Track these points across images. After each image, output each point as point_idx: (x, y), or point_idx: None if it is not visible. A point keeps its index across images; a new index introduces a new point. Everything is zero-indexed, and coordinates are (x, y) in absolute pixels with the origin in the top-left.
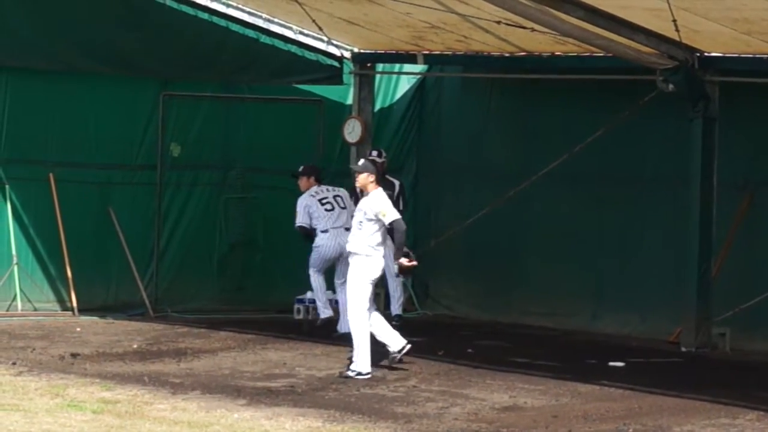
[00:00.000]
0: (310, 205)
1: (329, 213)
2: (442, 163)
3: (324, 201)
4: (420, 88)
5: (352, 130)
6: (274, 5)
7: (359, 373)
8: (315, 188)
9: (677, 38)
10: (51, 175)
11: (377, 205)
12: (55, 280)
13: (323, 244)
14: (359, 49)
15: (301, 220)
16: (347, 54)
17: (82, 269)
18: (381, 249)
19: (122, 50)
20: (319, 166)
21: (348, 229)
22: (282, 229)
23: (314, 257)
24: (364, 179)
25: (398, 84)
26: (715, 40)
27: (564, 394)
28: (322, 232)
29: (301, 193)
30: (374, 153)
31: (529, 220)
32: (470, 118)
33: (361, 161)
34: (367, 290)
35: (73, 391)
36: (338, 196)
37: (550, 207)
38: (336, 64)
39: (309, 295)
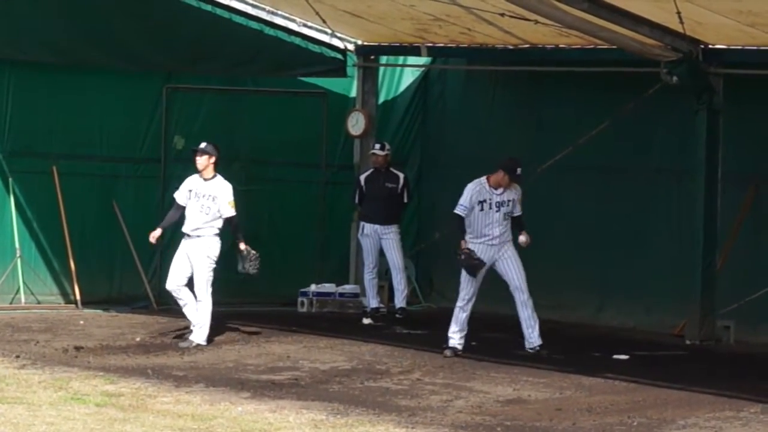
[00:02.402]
0: None
1: None
2: (447, 155)
3: None
4: (424, 81)
5: (356, 123)
6: None
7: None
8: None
9: (681, 30)
10: (54, 167)
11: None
12: (58, 272)
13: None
14: (363, 41)
15: None
16: (351, 46)
17: (86, 262)
18: None
19: (126, 43)
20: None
21: None
22: (286, 221)
23: None
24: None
25: (402, 76)
26: (720, 32)
27: (568, 387)
28: None
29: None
30: (377, 146)
31: (533, 213)
32: (474, 110)
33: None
34: None
35: (77, 384)
36: None
37: (555, 199)
38: (340, 56)
39: (313, 288)
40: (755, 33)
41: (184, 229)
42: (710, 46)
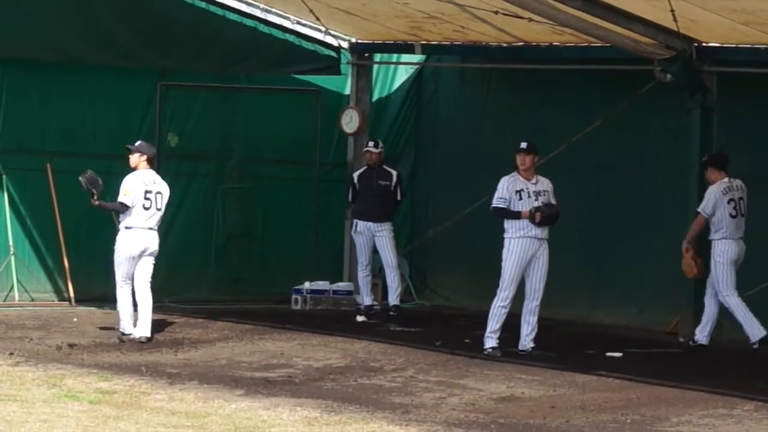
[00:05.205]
0: None
1: None
2: (440, 153)
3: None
4: (418, 79)
5: (350, 121)
6: None
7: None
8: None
9: (675, 28)
10: (48, 165)
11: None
12: (52, 270)
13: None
14: (357, 39)
15: None
16: (345, 44)
17: (80, 259)
18: None
19: (120, 41)
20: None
21: None
22: (279, 219)
23: None
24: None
25: (396, 74)
26: (713, 31)
27: (562, 384)
28: None
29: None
30: (371, 143)
31: None
32: (468, 108)
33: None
34: None
35: (70, 382)
36: None
37: None
38: (333, 54)
39: (307, 285)
40: (749, 31)
41: None
42: (704, 44)
